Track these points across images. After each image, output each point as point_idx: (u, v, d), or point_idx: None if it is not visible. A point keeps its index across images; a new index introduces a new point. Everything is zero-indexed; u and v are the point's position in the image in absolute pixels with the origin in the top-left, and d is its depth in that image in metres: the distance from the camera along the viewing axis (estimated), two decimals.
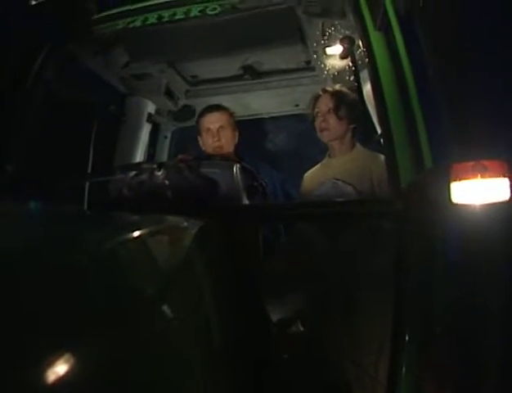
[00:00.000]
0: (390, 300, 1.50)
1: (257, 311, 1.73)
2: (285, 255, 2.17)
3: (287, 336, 1.95)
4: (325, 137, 2.54)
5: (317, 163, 2.70)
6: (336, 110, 2.47)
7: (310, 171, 2.72)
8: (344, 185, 2.31)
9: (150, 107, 3.38)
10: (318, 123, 2.52)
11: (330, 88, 2.57)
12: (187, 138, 3.77)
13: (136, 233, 1.08)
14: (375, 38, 1.87)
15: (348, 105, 2.46)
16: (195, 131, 2.84)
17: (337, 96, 2.50)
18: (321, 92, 2.57)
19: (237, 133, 2.79)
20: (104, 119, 3.01)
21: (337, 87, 2.59)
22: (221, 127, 2.68)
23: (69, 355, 0.61)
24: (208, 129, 2.68)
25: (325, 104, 2.52)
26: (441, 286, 1.40)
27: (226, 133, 2.69)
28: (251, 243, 1.82)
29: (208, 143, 2.70)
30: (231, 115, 2.78)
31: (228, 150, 2.70)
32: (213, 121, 2.69)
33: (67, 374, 0.59)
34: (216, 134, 2.67)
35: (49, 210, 1.49)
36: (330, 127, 2.49)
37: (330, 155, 2.60)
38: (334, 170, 2.45)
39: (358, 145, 2.51)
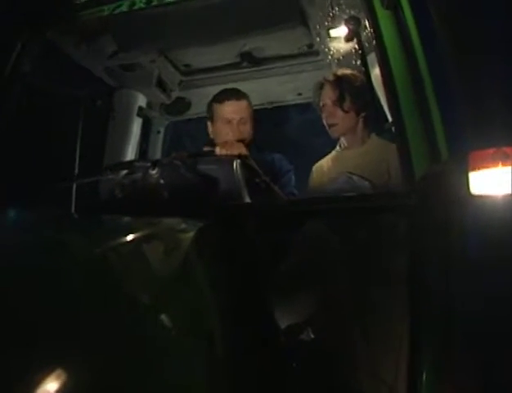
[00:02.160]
0: (406, 301, 1.51)
1: (263, 317, 1.74)
2: (293, 255, 2.17)
3: (296, 343, 1.96)
4: (334, 132, 2.55)
5: (325, 155, 2.71)
6: (341, 102, 2.47)
7: (319, 163, 2.72)
8: (360, 180, 2.30)
9: (141, 100, 3.38)
10: (325, 118, 2.53)
11: (331, 77, 2.56)
12: (182, 133, 3.77)
13: (129, 238, 1.09)
14: (384, 17, 1.86)
15: (354, 93, 2.45)
16: (191, 125, 2.83)
17: (339, 85, 2.50)
18: (323, 81, 2.57)
19: (255, 124, 2.73)
20: (90, 114, 3.01)
21: (339, 72, 2.57)
22: (242, 118, 2.63)
23: (63, 367, 0.63)
24: (229, 120, 2.61)
25: (328, 96, 2.53)
26: (460, 285, 1.40)
27: (247, 127, 2.64)
28: (255, 244, 1.83)
29: (222, 134, 2.62)
30: (250, 103, 2.73)
31: (247, 140, 2.62)
32: (235, 111, 2.63)
33: (61, 387, 0.60)
34: (237, 127, 2.61)
35: (32, 214, 1.49)
36: (338, 121, 2.50)
37: (341, 147, 2.61)
38: (348, 164, 2.45)
39: (373, 135, 2.52)
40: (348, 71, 2.56)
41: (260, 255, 1.90)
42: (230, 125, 2.62)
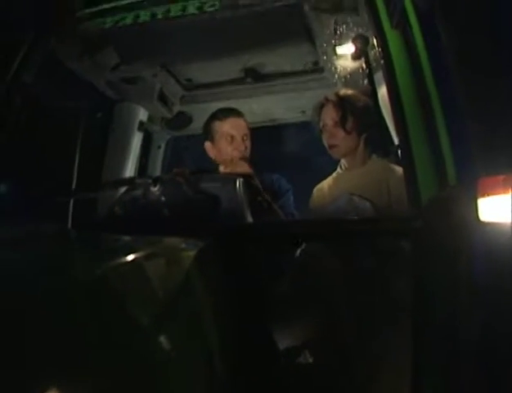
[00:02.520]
0: (410, 330, 1.50)
1: (263, 340, 1.73)
2: (294, 278, 2.17)
3: (294, 368, 1.95)
4: (335, 154, 2.55)
5: (326, 176, 2.71)
6: (343, 122, 2.46)
7: (320, 184, 2.72)
8: (361, 200, 2.30)
9: (142, 114, 3.39)
10: (325, 139, 2.54)
11: (332, 97, 2.56)
12: (183, 149, 3.78)
13: (129, 257, 1.09)
14: (392, 36, 1.87)
15: (357, 113, 2.46)
16: (192, 140, 2.83)
17: (341, 105, 2.50)
18: (324, 102, 2.58)
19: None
20: (90, 128, 3.02)
21: (342, 92, 2.57)
22: (245, 135, 2.65)
23: (63, 390, 0.63)
24: (232, 137, 2.62)
25: (330, 117, 2.53)
26: (467, 315, 1.39)
27: (248, 143, 2.66)
28: (256, 266, 1.83)
29: (227, 152, 2.63)
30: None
31: (248, 161, 2.64)
32: (238, 127, 2.65)
33: None
34: (241, 143, 2.62)
35: (28, 231, 1.49)
36: (339, 142, 2.51)
37: (342, 168, 2.61)
38: (349, 184, 2.45)
39: (374, 156, 2.52)
40: (350, 91, 2.57)
41: (261, 277, 1.89)
42: (234, 142, 2.62)
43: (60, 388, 0.64)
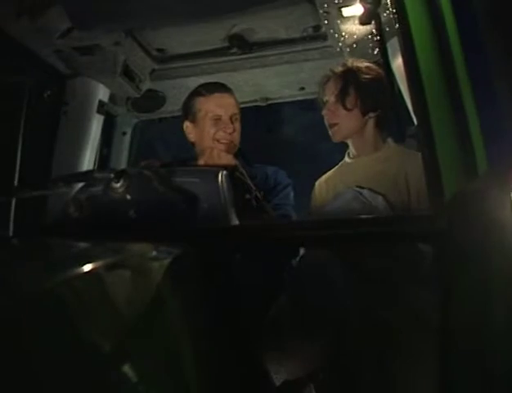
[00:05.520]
0: (434, 348, 1.51)
1: (253, 372, 1.74)
2: (291, 293, 2.18)
3: None
4: (335, 134, 2.59)
5: (331, 168, 2.73)
6: (342, 97, 2.52)
7: (323, 177, 2.74)
8: (371, 194, 2.31)
9: (102, 93, 3.37)
10: (326, 117, 2.58)
11: (337, 68, 2.61)
12: (154, 135, 3.77)
13: (86, 268, 1.09)
14: None
15: (361, 87, 2.50)
16: (165, 125, 2.84)
17: (344, 78, 2.55)
18: (329, 75, 2.61)
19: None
20: (36, 109, 3.01)
21: (349, 63, 2.61)
22: (234, 115, 2.70)
23: None
24: (218, 117, 2.66)
25: (331, 91, 2.58)
26: (503, 330, 1.40)
27: (238, 126, 2.71)
28: (244, 276, 1.84)
29: (210, 134, 2.67)
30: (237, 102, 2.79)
31: (236, 146, 2.71)
32: (225, 105, 2.69)
33: None
34: (229, 124, 2.67)
35: None
36: (339, 120, 2.55)
37: (350, 156, 2.63)
38: (357, 175, 2.48)
39: (390, 140, 2.54)
40: (360, 62, 2.60)
41: (250, 291, 1.90)
42: (220, 123, 2.66)
43: None
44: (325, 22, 2.82)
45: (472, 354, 1.45)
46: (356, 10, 2.49)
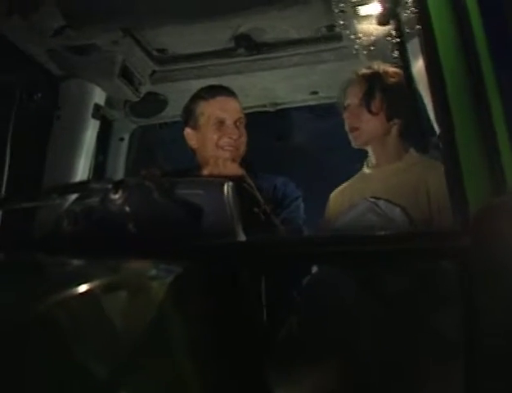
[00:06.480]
0: (460, 371, 1.50)
1: (259, 386, 1.73)
2: (302, 313, 2.17)
3: None
4: (356, 139, 2.59)
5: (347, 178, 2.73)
6: (367, 100, 2.53)
7: (339, 189, 2.75)
8: (388, 206, 2.31)
9: (98, 96, 3.36)
10: (347, 121, 2.57)
11: (361, 71, 2.62)
12: (155, 142, 3.78)
13: (81, 289, 1.08)
14: None
15: (388, 91, 2.51)
16: (166, 131, 2.84)
17: (370, 80, 2.57)
18: (352, 78, 2.61)
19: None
20: (26, 113, 3.01)
21: (376, 66, 2.63)
22: (239, 120, 2.70)
23: None
24: (222, 121, 2.67)
25: (354, 94, 2.59)
26: None
27: (243, 130, 2.72)
28: (252, 297, 1.83)
29: (213, 141, 2.67)
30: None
31: (242, 155, 2.71)
32: (229, 109, 2.70)
33: None
34: (234, 129, 2.67)
35: None
36: (361, 124, 2.55)
37: (369, 165, 2.63)
38: (375, 186, 2.48)
39: (412, 150, 2.54)
40: (387, 66, 2.61)
41: (258, 312, 1.89)
42: (223, 128, 2.66)
43: None
44: (340, 22, 2.81)
45: (499, 374, 1.45)
46: (373, 9, 2.48)
